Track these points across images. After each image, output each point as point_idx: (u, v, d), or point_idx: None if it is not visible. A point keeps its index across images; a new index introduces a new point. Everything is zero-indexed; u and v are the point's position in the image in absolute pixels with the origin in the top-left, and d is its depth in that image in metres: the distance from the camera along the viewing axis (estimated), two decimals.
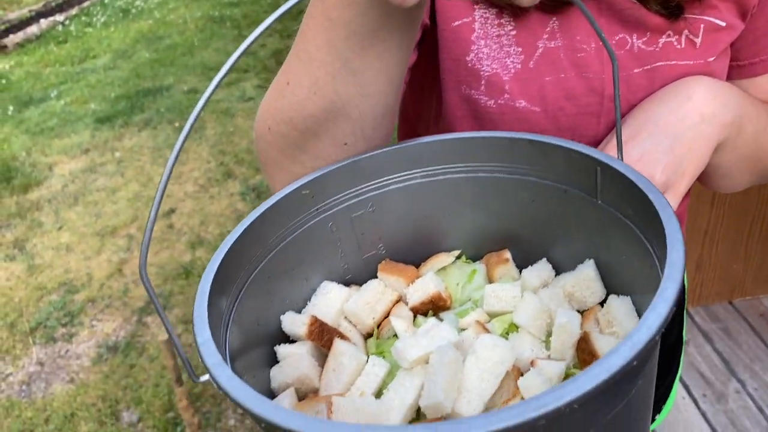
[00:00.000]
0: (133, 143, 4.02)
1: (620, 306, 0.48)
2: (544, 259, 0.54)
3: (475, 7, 0.61)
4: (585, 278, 0.51)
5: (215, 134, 4.04)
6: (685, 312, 0.95)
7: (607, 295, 0.51)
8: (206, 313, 0.39)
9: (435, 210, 0.55)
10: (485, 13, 0.61)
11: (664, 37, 0.62)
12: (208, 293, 0.41)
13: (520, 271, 0.55)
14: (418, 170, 0.53)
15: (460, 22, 0.61)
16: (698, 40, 0.62)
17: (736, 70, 0.69)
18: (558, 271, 0.54)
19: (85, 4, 6.90)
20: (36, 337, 2.60)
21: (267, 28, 0.34)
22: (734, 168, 0.66)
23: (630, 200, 0.45)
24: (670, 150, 0.56)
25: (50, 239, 3.17)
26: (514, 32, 0.61)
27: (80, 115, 4.45)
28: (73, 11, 6.69)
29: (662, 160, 0.56)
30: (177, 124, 4.19)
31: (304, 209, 0.50)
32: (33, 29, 6.16)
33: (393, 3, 0.36)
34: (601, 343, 0.45)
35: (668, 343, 0.90)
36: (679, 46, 0.62)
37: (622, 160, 0.48)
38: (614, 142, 0.60)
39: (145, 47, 5.65)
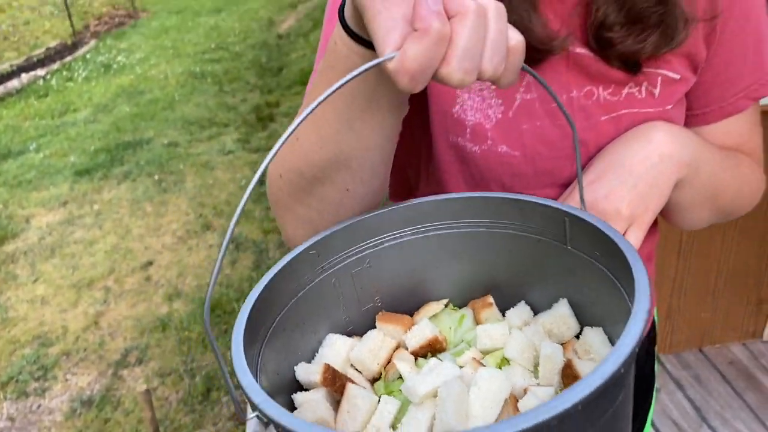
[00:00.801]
0: (111, 195, 4.03)
1: (595, 336, 0.54)
2: (523, 302, 0.60)
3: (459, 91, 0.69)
4: (560, 315, 0.57)
5: (195, 186, 4.07)
6: (656, 354, 1.00)
7: (582, 327, 0.57)
8: (244, 360, 0.44)
9: (425, 263, 0.61)
10: (469, 92, 0.69)
11: (626, 88, 0.69)
12: (242, 343, 0.45)
13: (503, 314, 0.60)
14: (410, 228, 0.59)
15: (443, 102, 0.69)
16: (656, 91, 0.69)
17: (692, 119, 0.76)
18: (536, 311, 0.60)
19: (67, 60, 6.99)
20: (7, 392, 2.55)
21: (336, 90, 0.40)
22: (694, 204, 0.73)
23: (596, 244, 0.51)
24: (634, 187, 0.63)
25: (25, 292, 3.15)
26: (494, 86, 0.68)
27: (59, 167, 4.46)
28: (55, 66, 6.77)
29: (627, 196, 0.62)
30: (156, 177, 4.23)
31: (311, 267, 0.55)
32: (14, 83, 6.22)
33: (403, 89, 0.41)
34: (582, 367, 0.51)
35: (644, 374, 0.95)
36: (640, 96, 0.69)
37: (584, 209, 0.54)
38: (575, 191, 0.66)
39: (125, 101, 5.73)
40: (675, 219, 0.77)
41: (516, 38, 0.42)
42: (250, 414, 0.42)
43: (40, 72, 6.57)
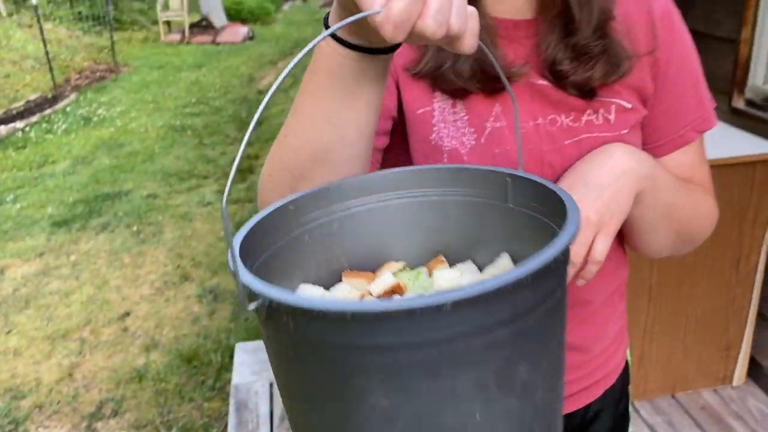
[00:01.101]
0: (89, 247, 4.02)
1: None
2: (469, 260, 0.67)
3: (433, 99, 0.79)
4: (502, 266, 0.63)
5: (173, 238, 4.09)
6: (629, 396, 1.05)
7: None
8: (244, 267, 0.48)
9: (386, 229, 0.68)
10: (442, 104, 0.78)
11: (585, 115, 0.79)
12: (239, 255, 0.49)
13: None
14: (375, 196, 0.67)
15: (422, 110, 0.79)
16: (612, 117, 0.79)
17: (656, 150, 0.85)
18: (481, 269, 0.67)
19: (47, 112, 7.04)
20: None
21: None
22: (654, 221, 0.80)
23: (536, 198, 0.58)
24: (599, 197, 0.71)
25: None
26: (466, 117, 0.78)
27: (36, 218, 4.45)
28: (34, 118, 6.81)
29: (594, 205, 0.70)
30: (135, 228, 4.23)
31: (287, 222, 0.61)
32: None
33: (388, 39, 0.48)
34: None
35: (619, 412, 1.00)
36: (597, 122, 0.79)
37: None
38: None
39: (105, 154, 5.76)
40: (637, 242, 0.85)
41: (472, 8, 0.51)
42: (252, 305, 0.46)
43: (19, 124, 6.59)
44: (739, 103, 2.32)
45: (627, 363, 1.02)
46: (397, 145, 0.82)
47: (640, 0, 0.80)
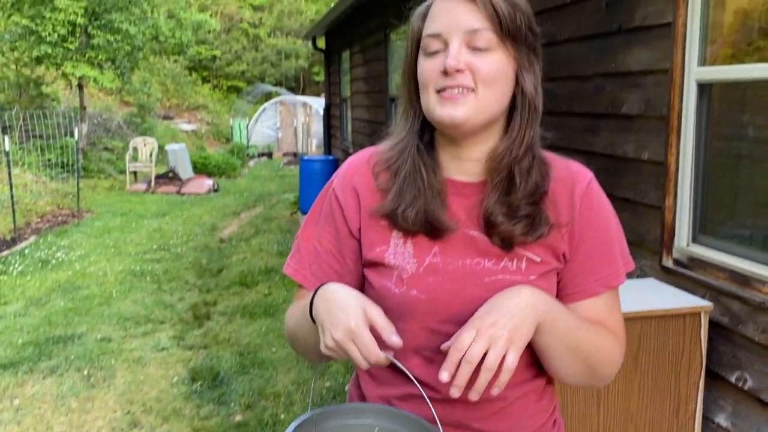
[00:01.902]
0: (35, 390, 3.89)
1: None
2: None
3: (391, 237, 1.04)
4: None
5: (125, 383, 4.00)
6: None
7: None
8: None
9: None
10: (396, 240, 1.04)
11: (503, 261, 1.01)
12: None
13: None
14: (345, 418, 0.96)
15: (380, 248, 1.05)
16: (523, 267, 1.01)
17: (564, 298, 1.04)
18: None
19: (4, 253, 7.01)
20: None
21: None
22: (559, 353, 0.98)
23: None
24: (511, 320, 0.88)
25: None
26: (412, 251, 1.03)
27: None
28: None
29: (507, 326, 0.87)
30: (85, 372, 4.14)
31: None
32: None
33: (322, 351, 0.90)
34: None
35: None
36: (511, 269, 1.01)
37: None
38: (472, 322, 0.92)
39: (60, 296, 5.71)
40: (550, 368, 1.03)
41: (378, 354, 0.89)
42: None
43: None
44: (668, 263, 2.57)
45: None
46: (356, 267, 1.11)
47: (566, 182, 1.04)
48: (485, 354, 0.84)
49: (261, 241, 7.97)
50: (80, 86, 12.50)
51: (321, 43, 12.55)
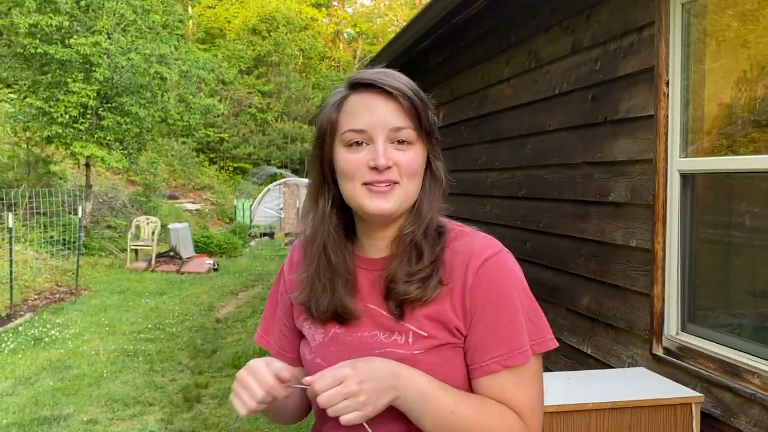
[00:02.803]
0: None
1: None
2: None
3: (305, 323, 1.19)
4: None
5: None
6: None
7: None
8: None
9: None
10: (309, 324, 1.18)
11: (394, 335, 1.09)
12: None
13: None
14: None
15: (300, 318, 1.20)
16: (410, 340, 1.07)
17: (469, 373, 1.08)
18: None
19: None
20: None
21: None
22: (439, 426, 1.02)
23: None
24: (373, 388, 0.98)
25: None
26: (320, 327, 1.16)
27: None
28: None
29: (368, 389, 0.97)
30: None
31: None
32: None
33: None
34: None
35: None
36: (400, 342, 1.08)
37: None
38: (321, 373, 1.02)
39: (50, 375, 5.62)
40: None
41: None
42: None
43: None
44: (658, 351, 2.55)
45: None
46: (296, 337, 1.26)
47: (464, 256, 1.08)
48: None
49: (257, 321, 7.89)
50: (87, 165, 12.76)
51: None
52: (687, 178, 2.51)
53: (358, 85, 1.09)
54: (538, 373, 1.09)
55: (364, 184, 1.06)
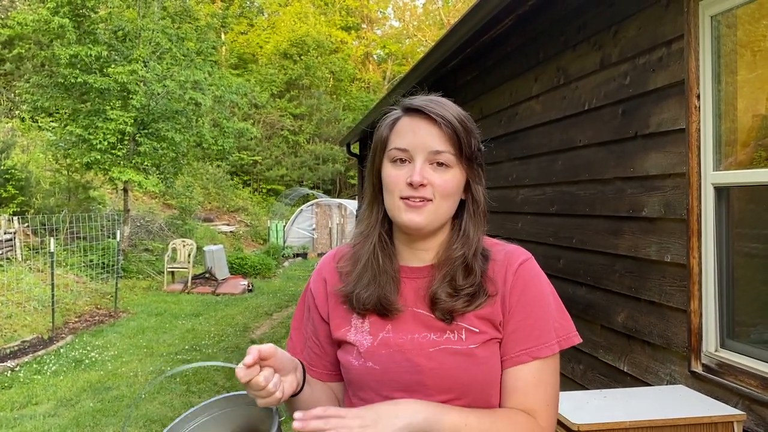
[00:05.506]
0: None
1: None
2: None
3: (351, 318, 1.23)
4: None
5: None
6: None
7: None
8: None
9: None
10: (356, 321, 1.22)
11: (446, 333, 1.16)
12: None
13: None
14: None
15: (343, 329, 1.24)
16: (463, 337, 1.15)
17: (501, 365, 1.16)
18: None
19: (40, 353, 7.12)
20: None
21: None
22: None
23: None
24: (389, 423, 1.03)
25: None
26: (368, 329, 1.21)
27: None
28: (26, 358, 6.87)
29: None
30: None
31: None
32: None
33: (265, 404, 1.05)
34: None
35: None
36: (453, 339, 1.15)
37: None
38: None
39: (90, 397, 5.73)
40: None
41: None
42: None
43: (11, 363, 6.64)
44: (697, 368, 2.50)
45: None
46: (330, 346, 1.29)
47: (503, 263, 1.20)
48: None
49: None
50: (125, 190, 13.07)
51: (355, 148, 13.01)
52: (721, 191, 2.47)
53: (409, 110, 1.20)
54: (557, 371, 1.18)
55: (402, 198, 1.16)
